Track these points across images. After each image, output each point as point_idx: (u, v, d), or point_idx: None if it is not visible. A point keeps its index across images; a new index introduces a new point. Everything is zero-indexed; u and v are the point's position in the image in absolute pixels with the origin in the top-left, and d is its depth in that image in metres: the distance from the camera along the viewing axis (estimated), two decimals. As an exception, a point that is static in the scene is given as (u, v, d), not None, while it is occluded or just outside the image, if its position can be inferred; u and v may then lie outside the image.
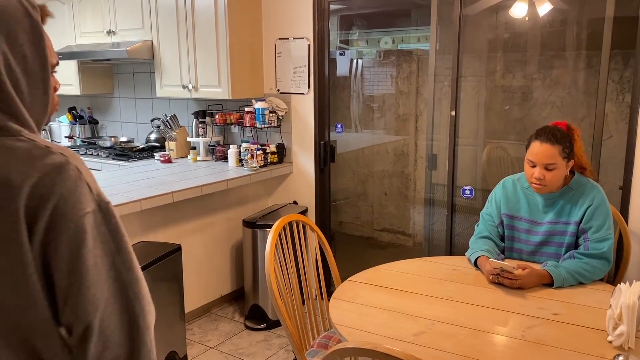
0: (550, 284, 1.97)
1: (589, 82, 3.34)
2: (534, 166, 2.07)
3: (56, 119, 5.04)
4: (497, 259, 2.10)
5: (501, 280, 1.97)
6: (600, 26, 2.77)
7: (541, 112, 3.51)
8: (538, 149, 2.04)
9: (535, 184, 2.07)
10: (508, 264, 1.94)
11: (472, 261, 2.17)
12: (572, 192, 2.11)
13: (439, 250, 3.52)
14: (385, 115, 4.45)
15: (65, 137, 4.76)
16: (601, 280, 2.05)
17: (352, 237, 4.58)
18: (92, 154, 4.18)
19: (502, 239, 2.28)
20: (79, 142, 4.69)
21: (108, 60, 4.20)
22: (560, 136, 2.04)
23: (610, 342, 1.56)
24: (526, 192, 2.21)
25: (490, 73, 3.68)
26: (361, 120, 4.53)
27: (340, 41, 4.41)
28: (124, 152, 4.13)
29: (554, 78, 3.44)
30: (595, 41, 3.14)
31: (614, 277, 2.49)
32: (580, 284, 1.99)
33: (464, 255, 2.27)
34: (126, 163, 3.87)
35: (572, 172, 2.15)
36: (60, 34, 4.40)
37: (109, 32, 4.05)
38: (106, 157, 4.07)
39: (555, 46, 3.44)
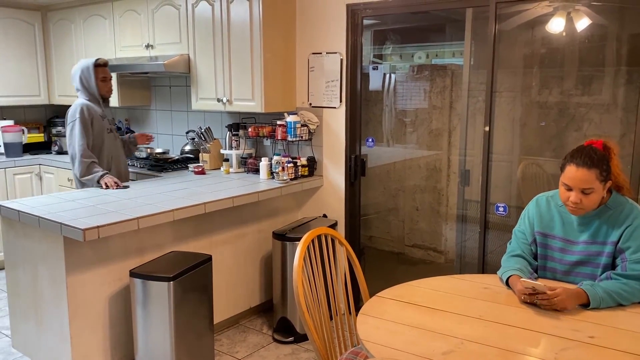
0: (586, 304, 1.91)
1: (628, 98, 3.25)
2: (569, 189, 2.00)
3: (95, 130, 5.19)
4: (530, 278, 2.05)
5: (533, 300, 1.92)
6: (640, 41, 2.70)
7: (579, 128, 3.43)
8: (574, 174, 1.97)
9: (571, 207, 2.02)
10: (540, 284, 1.89)
11: (504, 280, 2.12)
12: (609, 212, 2.05)
13: (471, 268, 3.46)
14: (418, 130, 4.42)
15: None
16: (640, 303, 1.98)
17: (382, 252, 4.54)
18: (128, 164, 4.27)
19: (536, 257, 2.23)
20: (116, 153, 4.80)
21: (146, 73, 4.32)
22: (597, 159, 1.97)
23: (649, 368, 1.50)
24: (560, 210, 2.15)
25: (526, 89, 3.62)
26: (393, 135, 4.51)
27: (374, 56, 4.41)
28: (159, 163, 4.21)
29: (592, 94, 3.36)
30: (636, 57, 3.07)
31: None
32: (619, 305, 1.92)
33: (496, 273, 2.22)
34: (161, 174, 3.94)
35: (609, 190, 2.09)
36: (101, 47, 4.55)
37: (148, 46, 4.16)
38: (141, 167, 4.16)
39: (594, 62, 3.36)
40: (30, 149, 5.15)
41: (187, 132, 4.46)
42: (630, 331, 1.74)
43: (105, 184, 3.32)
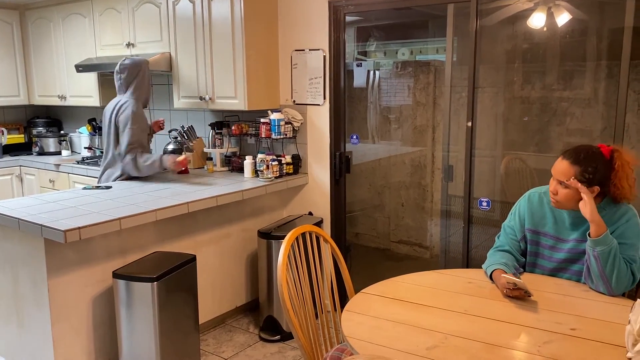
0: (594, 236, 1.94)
1: (609, 92, 3.29)
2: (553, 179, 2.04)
3: (76, 130, 5.13)
4: (515, 274, 2.06)
5: (515, 295, 1.94)
6: (619, 36, 2.73)
7: (561, 123, 3.46)
8: (558, 164, 2.02)
9: (551, 197, 2.05)
10: (521, 280, 1.90)
11: (488, 274, 2.13)
12: (602, 213, 2.01)
13: (456, 263, 3.47)
14: (402, 127, 4.43)
15: (85, 147, 4.83)
16: (622, 295, 2.00)
17: (369, 249, 4.55)
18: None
19: (523, 253, 2.23)
20: (98, 153, 4.75)
21: (127, 72, 4.26)
22: (584, 157, 1.97)
23: (630, 358, 1.51)
24: (553, 207, 2.15)
25: (509, 84, 3.65)
26: (378, 132, 4.52)
27: (359, 52, 4.41)
28: (142, 163, 4.16)
29: (574, 89, 3.39)
30: (615, 51, 3.10)
31: (635, 292, 2.42)
32: (611, 269, 1.92)
33: (481, 267, 2.23)
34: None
35: (604, 194, 2.05)
36: (81, 46, 4.49)
37: (129, 45, 4.12)
38: (124, 167, 4.11)
39: (575, 57, 3.39)
40: (10, 150, 5.08)
41: (169, 131, 4.42)
42: (611, 322, 1.76)
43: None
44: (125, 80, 3.47)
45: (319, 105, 3.62)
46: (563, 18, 3.16)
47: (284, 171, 3.64)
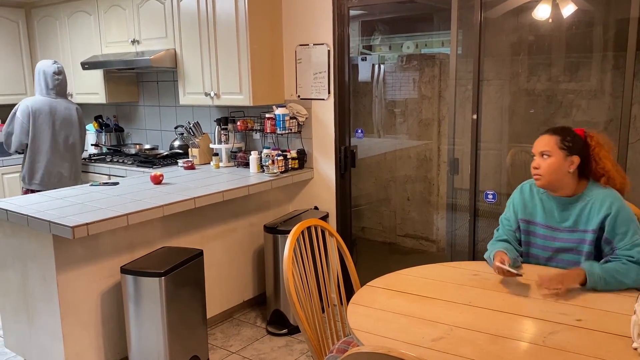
0: (584, 283, 1.92)
1: (615, 84, 3.27)
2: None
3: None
4: (516, 259, 2.10)
5: (506, 275, 1.97)
6: (625, 27, 2.71)
7: (567, 115, 3.44)
8: (537, 140, 2.10)
9: (533, 174, 2.09)
10: (514, 270, 1.94)
11: (491, 260, 2.15)
12: (587, 199, 2.05)
13: (462, 256, 3.48)
14: (408, 120, 4.43)
15: (92, 144, 4.86)
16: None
17: (375, 243, 4.56)
18: (117, 161, 4.26)
19: (521, 244, 2.26)
20: (104, 150, 4.78)
21: (133, 69, 4.29)
22: (561, 129, 2.07)
23: (635, 349, 1.52)
24: (542, 197, 2.18)
25: (514, 76, 3.63)
26: (383, 125, 4.51)
27: (363, 47, 4.40)
28: (148, 159, 4.19)
29: (580, 80, 3.37)
30: (621, 42, 3.08)
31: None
32: (618, 284, 1.91)
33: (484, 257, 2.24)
34: (150, 170, 3.93)
35: (587, 178, 2.10)
36: (86, 44, 4.51)
37: (134, 42, 4.13)
38: (131, 164, 4.14)
39: (580, 48, 3.37)
40: (19, 148, 5.10)
41: (175, 128, 4.44)
42: (615, 313, 1.76)
43: None
44: (64, 83, 3.78)
45: (323, 99, 3.62)
46: (568, 9, 3.14)
47: (290, 166, 3.66)
